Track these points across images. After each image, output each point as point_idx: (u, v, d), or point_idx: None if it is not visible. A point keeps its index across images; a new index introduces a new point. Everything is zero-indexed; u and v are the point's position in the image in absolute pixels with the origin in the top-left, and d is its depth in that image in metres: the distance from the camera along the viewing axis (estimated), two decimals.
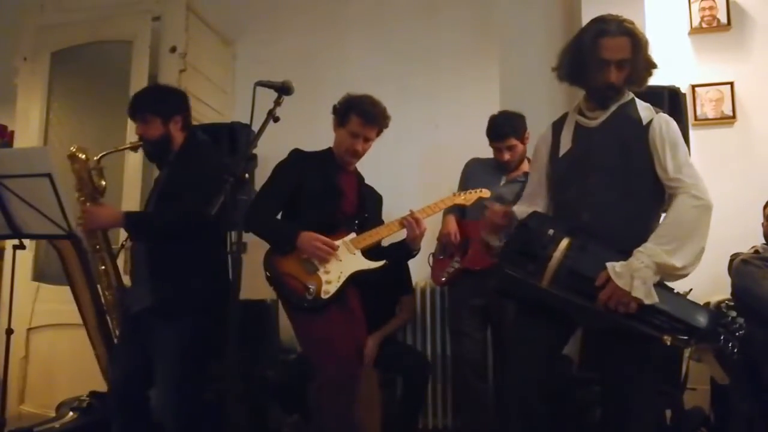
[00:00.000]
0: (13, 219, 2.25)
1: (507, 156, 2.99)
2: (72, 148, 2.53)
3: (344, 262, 2.41)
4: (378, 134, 2.57)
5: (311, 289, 2.34)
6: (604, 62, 1.96)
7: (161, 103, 2.48)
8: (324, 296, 2.35)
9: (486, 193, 2.69)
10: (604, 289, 1.83)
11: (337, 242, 2.41)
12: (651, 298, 1.79)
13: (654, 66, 2.02)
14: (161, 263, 2.32)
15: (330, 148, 2.60)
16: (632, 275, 1.79)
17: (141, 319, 2.34)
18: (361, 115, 2.48)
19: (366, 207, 2.61)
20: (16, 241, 2.60)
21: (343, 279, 2.39)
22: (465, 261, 2.99)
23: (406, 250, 2.54)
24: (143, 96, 2.52)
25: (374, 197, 2.75)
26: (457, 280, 3.04)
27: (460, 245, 3.01)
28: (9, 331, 2.72)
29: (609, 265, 1.82)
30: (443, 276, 3.08)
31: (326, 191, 2.49)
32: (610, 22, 1.99)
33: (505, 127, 2.97)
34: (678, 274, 1.86)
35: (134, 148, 2.53)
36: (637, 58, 1.97)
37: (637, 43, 1.95)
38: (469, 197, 2.67)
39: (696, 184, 1.91)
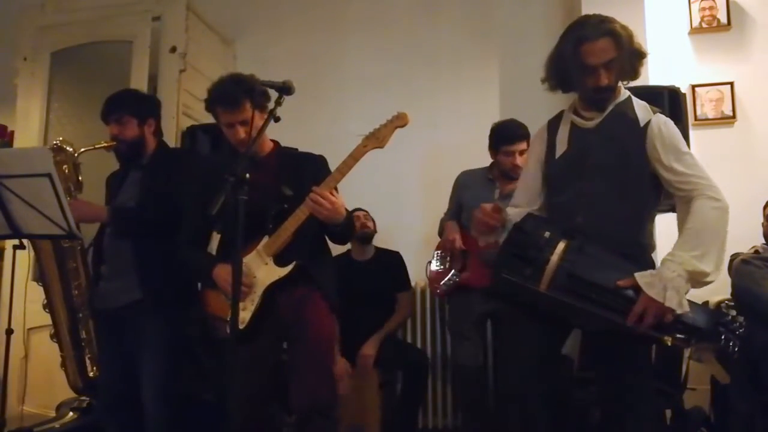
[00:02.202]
0: (13, 219, 2.25)
1: (519, 160, 2.87)
2: (58, 139, 2.55)
3: (258, 277, 2.14)
4: (256, 105, 2.15)
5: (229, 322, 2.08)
6: (591, 68, 1.91)
7: (137, 104, 2.52)
8: (241, 326, 2.09)
9: (404, 117, 2.18)
10: (619, 295, 1.78)
11: (251, 254, 2.15)
12: (683, 307, 1.75)
13: (644, 54, 1.98)
14: (149, 256, 2.35)
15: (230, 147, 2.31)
16: (665, 285, 1.74)
17: (120, 315, 2.36)
18: (221, 104, 2.19)
19: (291, 186, 2.19)
20: (16, 241, 2.60)
21: (257, 299, 2.13)
22: (464, 278, 2.94)
23: (330, 231, 2.21)
24: (119, 98, 2.53)
25: (303, 167, 2.29)
26: (452, 293, 3.00)
27: (460, 256, 2.96)
28: (9, 331, 2.73)
29: (637, 275, 1.78)
30: (439, 289, 3.02)
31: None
32: (588, 25, 1.93)
33: (519, 129, 2.92)
34: (708, 280, 1.81)
35: (109, 148, 2.52)
36: (623, 54, 1.91)
37: (619, 39, 1.90)
38: (382, 134, 2.15)
39: (710, 184, 1.87)
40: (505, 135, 2.93)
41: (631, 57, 1.95)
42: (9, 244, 2.80)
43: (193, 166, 2.48)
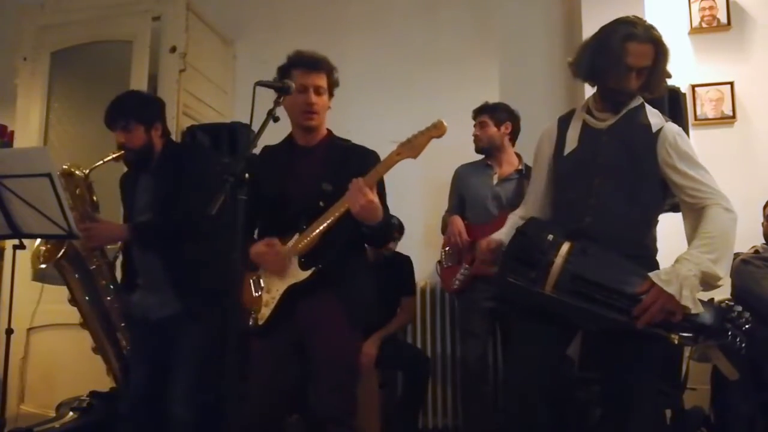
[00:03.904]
0: (13, 219, 2.25)
1: (476, 131, 3.12)
2: (65, 165, 2.50)
3: (285, 274, 2.05)
4: (329, 85, 2.17)
5: (254, 315, 2.06)
6: (627, 68, 1.92)
7: (143, 110, 2.46)
8: (260, 321, 2.05)
9: (441, 127, 2.01)
10: (624, 295, 1.79)
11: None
12: (698, 307, 1.76)
13: (669, 76, 2.00)
14: (181, 269, 2.34)
15: (289, 134, 2.22)
16: (681, 284, 1.74)
17: (157, 326, 2.37)
18: (302, 65, 2.14)
19: (332, 182, 2.05)
20: (16, 241, 2.60)
21: (278, 297, 2.04)
22: (475, 268, 2.96)
23: (362, 230, 1.99)
24: (123, 103, 2.45)
25: (350, 161, 2.13)
26: (469, 286, 3.02)
27: (468, 248, 2.98)
28: (9, 331, 2.72)
29: (652, 274, 1.79)
30: (454, 284, 3.06)
31: (273, 189, 2.11)
32: (639, 25, 1.93)
33: (480, 107, 3.15)
34: (718, 284, 1.83)
35: (118, 159, 2.45)
36: (658, 67, 1.93)
37: (660, 52, 1.92)
38: (418, 143, 2.02)
39: (723, 195, 1.90)
40: (473, 111, 3.18)
41: (662, 75, 1.97)
42: (9, 244, 2.79)
43: (201, 160, 2.48)
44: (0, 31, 4.07)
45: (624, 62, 1.92)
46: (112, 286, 2.67)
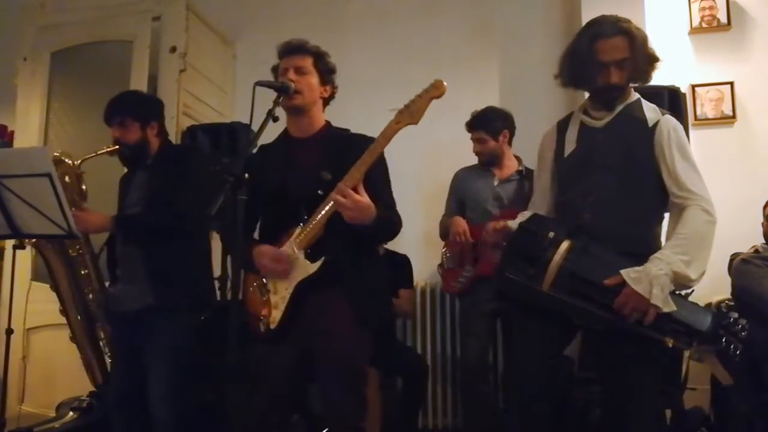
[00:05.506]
0: (13, 219, 2.25)
1: (475, 148, 3.08)
2: (56, 152, 2.55)
3: (291, 272, 1.95)
4: (318, 69, 2.12)
5: (264, 320, 1.98)
6: (603, 65, 1.96)
7: (140, 107, 2.51)
8: (272, 326, 1.97)
9: (440, 86, 1.99)
10: (617, 294, 1.80)
11: (285, 245, 1.95)
12: (669, 306, 1.77)
13: (656, 59, 2.02)
14: (160, 261, 2.36)
15: (284, 129, 2.16)
16: (651, 282, 1.76)
17: (135, 318, 2.38)
18: (284, 53, 2.14)
19: (331, 171, 1.96)
20: (16, 241, 2.60)
21: (288, 297, 1.95)
22: (479, 268, 2.95)
23: (358, 232, 1.89)
24: (121, 100, 2.52)
25: (349, 149, 2.01)
26: (471, 287, 3.00)
27: (470, 249, 2.97)
28: (9, 331, 2.72)
29: (624, 271, 1.80)
30: (457, 286, 3.04)
31: (271, 183, 2.03)
32: (604, 23, 1.99)
33: (474, 120, 3.08)
34: (690, 285, 1.86)
35: (112, 153, 2.49)
36: (636, 55, 1.95)
37: (633, 40, 1.95)
38: (417, 107, 1.97)
39: (706, 197, 1.91)
40: (467, 123, 3.11)
41: (644, 60, 1.98)
42: (9, 244, 2.79)
43: (198, 160, 2.50)
44: (0, 31, 4.07)
45: (597, 61, 1.96)
46: (94, 277, 2.70)
